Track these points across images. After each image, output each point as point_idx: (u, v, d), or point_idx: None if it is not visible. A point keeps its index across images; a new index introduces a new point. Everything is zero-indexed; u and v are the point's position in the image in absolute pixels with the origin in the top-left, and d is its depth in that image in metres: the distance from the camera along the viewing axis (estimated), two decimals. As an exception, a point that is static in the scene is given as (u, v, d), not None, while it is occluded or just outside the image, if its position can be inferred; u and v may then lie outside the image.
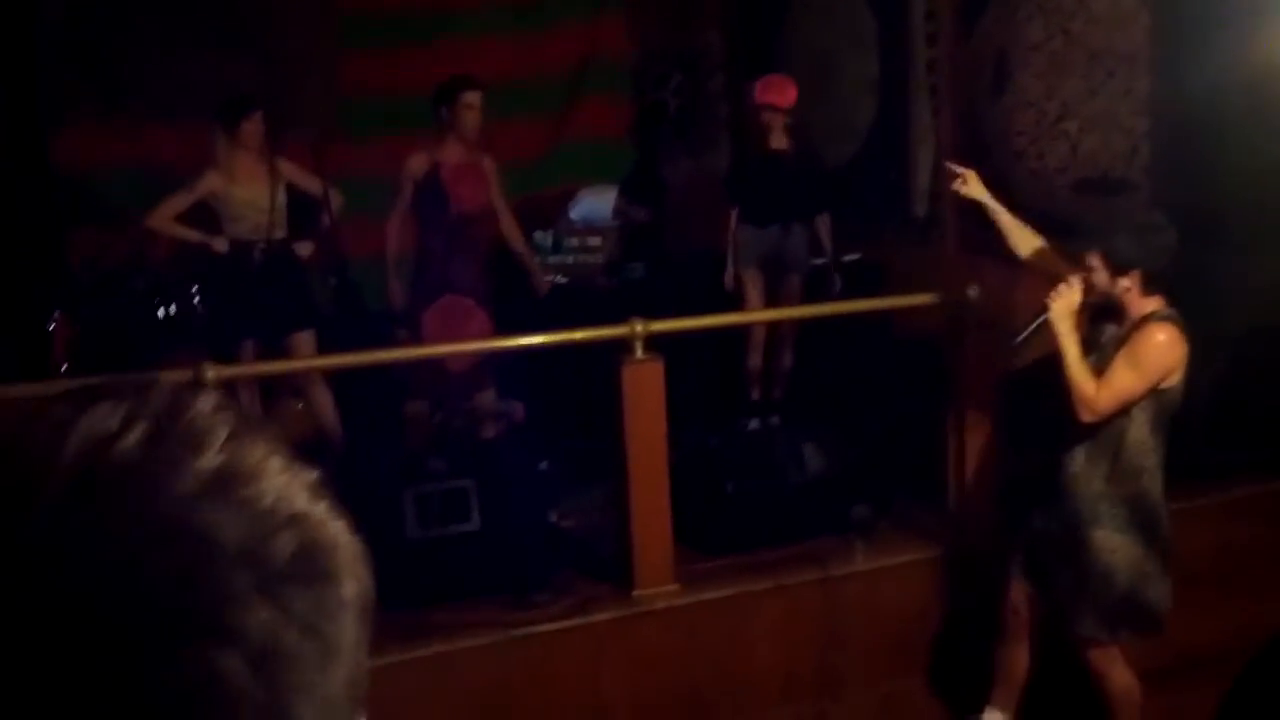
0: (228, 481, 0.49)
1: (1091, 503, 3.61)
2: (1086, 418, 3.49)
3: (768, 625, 4.31)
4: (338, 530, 0.52)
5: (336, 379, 5.63)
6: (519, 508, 4.37)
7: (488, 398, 5.79)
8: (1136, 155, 5.51)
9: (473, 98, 5.48)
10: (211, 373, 3.88)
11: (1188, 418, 4.67)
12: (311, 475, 0.53)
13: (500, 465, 4.68)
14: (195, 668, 0.45)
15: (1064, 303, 3.49)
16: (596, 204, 7.04)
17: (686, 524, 4.39)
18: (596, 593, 4.27)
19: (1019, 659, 3.89)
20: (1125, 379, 3.47)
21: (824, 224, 6.18)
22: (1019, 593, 3.80)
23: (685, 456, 4.56)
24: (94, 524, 0.46)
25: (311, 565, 0.49)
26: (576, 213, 7.02)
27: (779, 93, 6.00)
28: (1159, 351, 3.45)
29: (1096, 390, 3.46)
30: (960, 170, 3.77)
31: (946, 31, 6.38)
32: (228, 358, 5.20)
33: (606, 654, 4.13)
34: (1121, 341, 3.52)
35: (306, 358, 5.51)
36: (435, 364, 5.62)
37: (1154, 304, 3.52)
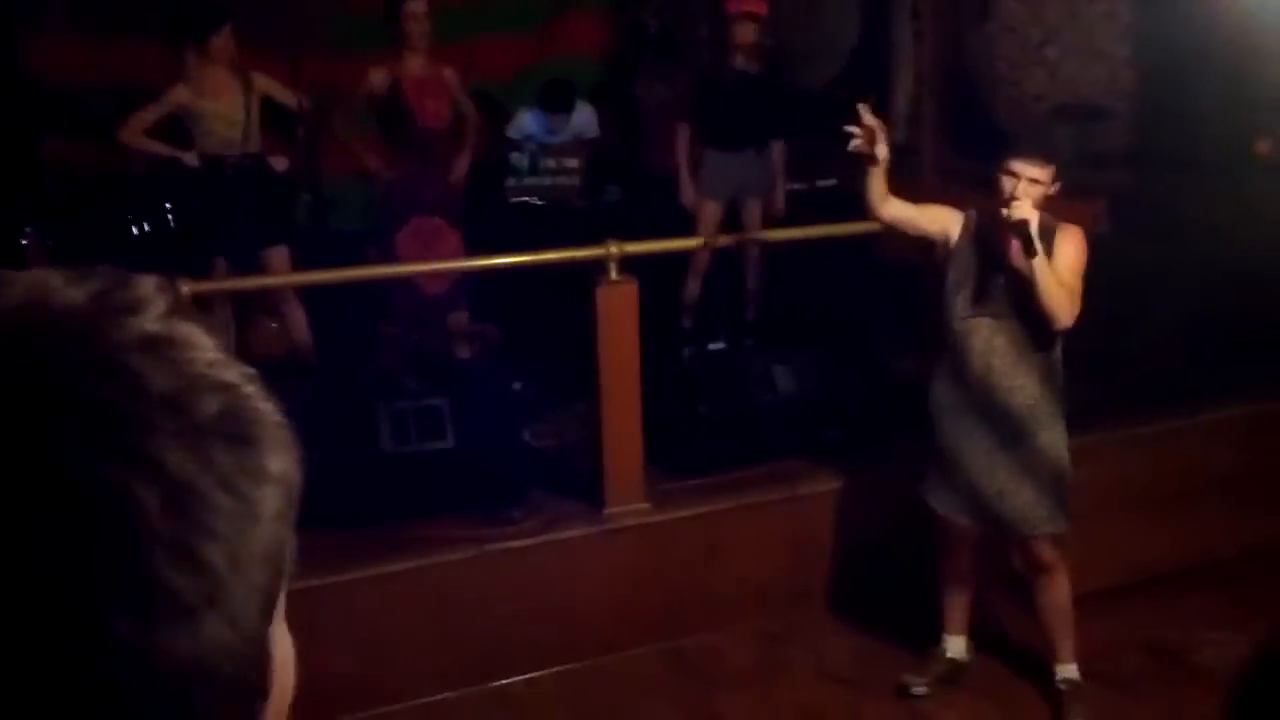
0: (162, 343, 0.50)
1: (1029, 408, 3.67)
2: (1063, 326, 3.55)
3: (736, 542, 4.38)
4: (268, 409, 0.53)
5: (310, 299, 5.61)
6: (493, 426, 4.39)
7: (461, 319, 5.79)
8: (1116, 82, 5.51)
9: (415, 6, 5.42)
10: (185, 288, 3.86)
11: (1159, 341, 4.76)
12: (248, 368, 0.54)
13: (474, 385, 4.69)
14: (107, 488, 0.46)
15: (1029, 208, 3.50)
16: (534, 121, 6.93)
17: (659, 445, 4.44)
18: (569, 510, 4.32)
19: (965, 585, 3.97)
20: (1077, 283, 3.57)
21: (778, 150, 6.15)
22: (950, 525, 3.84)
23: (657, 377, 4.58)
24: (25, 344, 0.48)
25: (235, 428, 0.50)
26: (515, 130, 6.92)
27: (753, 1, 5.96)
28: (1085, 251, 3.60)
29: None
30: (871, 122, 3.74)
31: (930, -46, 6.31)
32: (200, 274, 5.17)
33: (579, 569, 4.19)
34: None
35: (280, 274, 5.49)
36: (409, 285, 5.60)
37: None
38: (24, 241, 5.69)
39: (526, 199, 6.76)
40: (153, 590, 0.46)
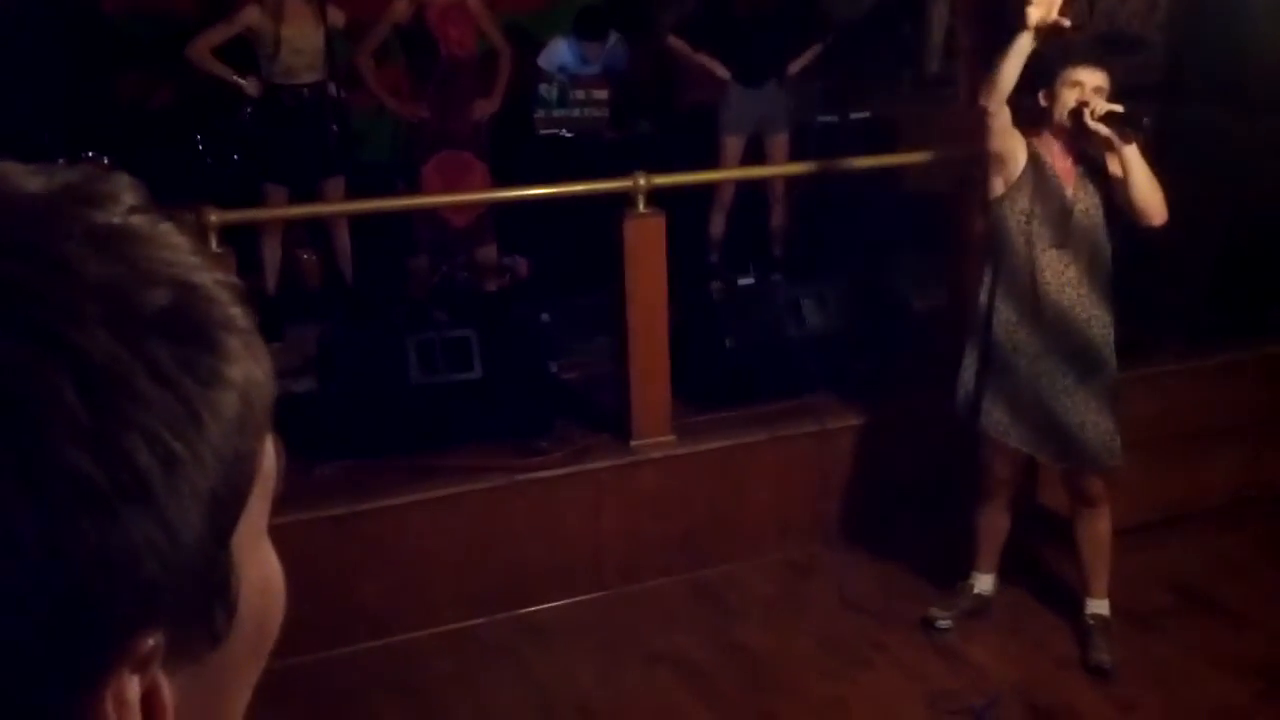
0: (115, 235, 0.48)
1: (1104, 339, 3.63)
2: (1161, 219, 3.47)
3: (761, 474, 4.39)
4: (235, 315, 0.50)
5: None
6: (520, 357, 4.40)
7: (490, 252, 5.79)
8: (1154, 12, 5.39)
9: None
10: (214, 216, 3.87)
11: (1191, 278, 4.70)
12: (227, 278, 0.51)
13: (501, 316, 4.71)
14: (12, 367, 0.43)
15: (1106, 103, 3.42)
16: (568, 50, 6.84)
17: (686, 377, 4.44)
18: (595, 441, 4.34)
19: (1001, 522, 3.95)
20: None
21: (810, 52, 6.04)
22: (1003, 458, 3.81)
23: (685, 311, 4.58)
24: None
25: (184, 326, 0.47)
26: (546, 60, 6.83)
27: None
28: None
29: None
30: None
31: (967, -120, 6.15)
32: (255, 201, 5.22)
33: (605, 500, 4.22)
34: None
35: (337, 203, 5.51)
36: (436, 218, 5.60)
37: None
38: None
39: (555, 131, 6.71)
40: (58, 475, 0.43)
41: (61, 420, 0.43)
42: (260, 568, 0.53)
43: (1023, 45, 3.42)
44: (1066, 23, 3.35)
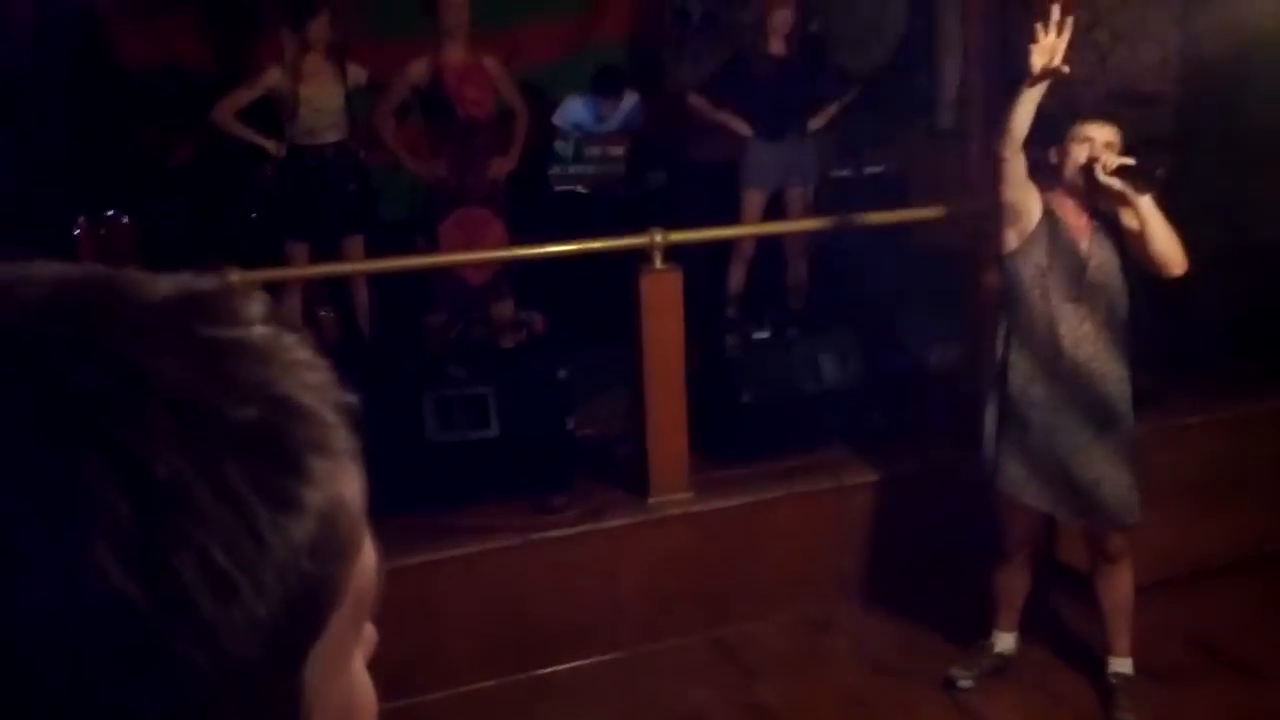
0: (219, 351, 0.47)
1: (1120, 394, 3.61)
2: (1180, 270, 3.46)
3: (779, 531, 4.37)
4: (331, 437, 0.48)
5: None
6: (537, 414, 4.41)
7: (506, 308, 5.82)
8: (1166, 67, 5.42)
9: None
10: (235, 275, 3.91)
11: (1205, 329, 4.69)
12: (345, 399, 0.50)
13: (519, 373, 4.72)
14: (66, 475, 0.43)
15: (1118, 157, 3.44)
16: (583, 107, 6.92)
17: (703, 432, 4.44)
18: (613, 499, 4.33)
19: (1021, 580, 3.92)
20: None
21: (832, 107, 6.09)
22: (1021, 515, 3.78)
23: (702, 366, 4.59)
24: (36, 331, 0.46)
25: (266, 445, 0.46)
26: (561, 118, 6.91)
27: None
28: None
29: None
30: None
31: (977, -62, 6.23)
32: (275, 260, 5.27)
33: (622, 558, 4.21)
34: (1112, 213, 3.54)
35: (357, 261, 5.56)
36: (453, 275, 5.64)
37: None
38: (76, 232, 5.78)
39: (571, 187, 6.77)
40: (96, 587, 0.42)
41: (109, 533, 0.42)
42: (343, 695, 0.51)
43: (1030, 93, 3.43)
44: (1066, 69, 3.37)
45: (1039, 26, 3.35)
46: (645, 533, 4.24)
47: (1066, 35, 3.35)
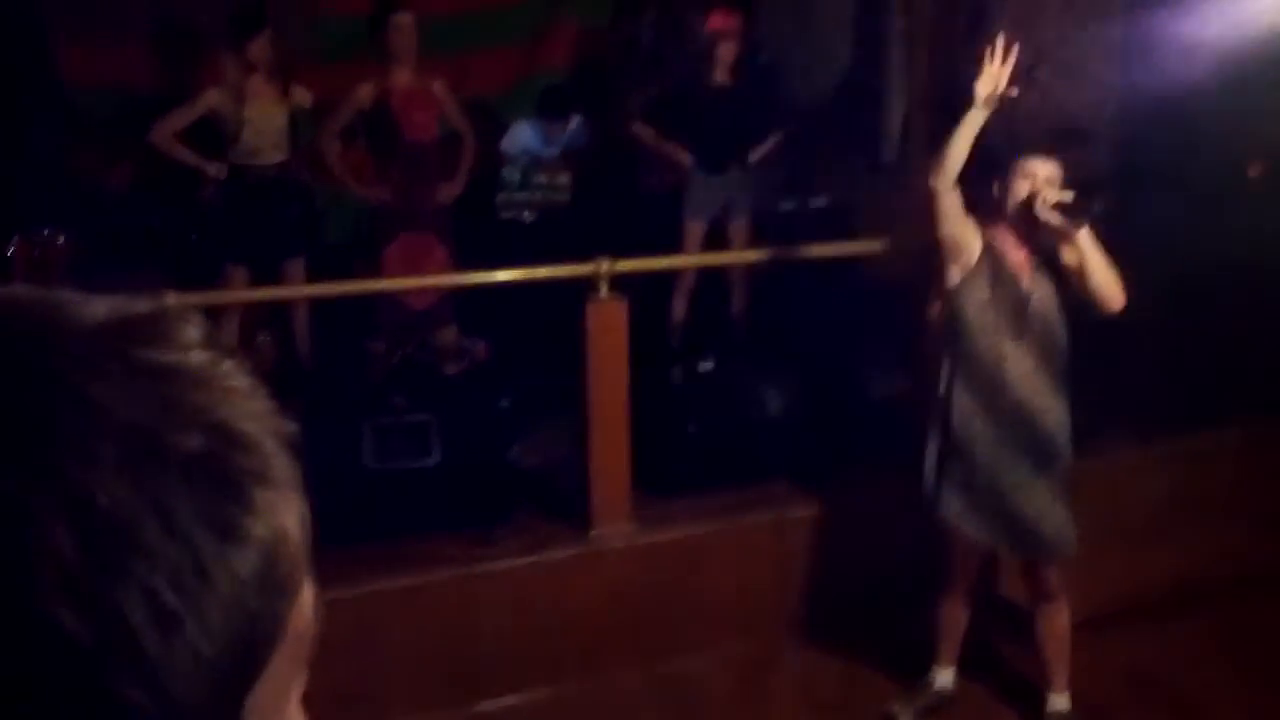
0: (158, 376, 0.46)
1: (1060, 430, 3.64)
2: (1119, 305, 3.49)
3: (722, 564, 4.35)
4: (274, 466, 0.48)
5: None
6: (479, 444, 4.36)
7: (450, 334, 5.76)
8: (1106, 105, 5.51)
9: (400, 19, 5.40)
10: (171, 298, 3.82)
11: (1143, 366, 4.75)
12: (285, 426, 0.50)
13: (461, 401, 4.67)
14: (2, 506, 0.41)
15: (1058, 192, 3.47)
16: (530, 132, 6.91)
17: (647, 464, 4.41)
18: (555, 530, 4.29)
19: (961, 614, 3.94)
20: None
21: (771, 140, 6.11)
22: (962, 549, 3.80)
23: (646, 396, 4.56)
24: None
25: (211, 475, 0.45)
26: (509, 144, 6.88)
27: (729, 18, 5.98)
28: None
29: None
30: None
31: (922, -26, 6.31)
32: (212, 283, 5.18)
33: (564, 590, 4.16)
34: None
35: (297, 284, 5.47)
36: (396, 301, 5.57)
37: None
38: (10, 251, 5.65)
39: (517, 213, 6.73)
40: (38, 625, 0.40)
41: (50, 566, 0.41)
42: None
43: (973, 120, 3.44)
44: (1014, 92, 3.40)
45: (985, 53, 3.39)
46: (587, 565, 4.20)
47: (1011, 63, 3.40)
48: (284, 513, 0.48)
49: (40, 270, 5.69)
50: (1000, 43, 3.41)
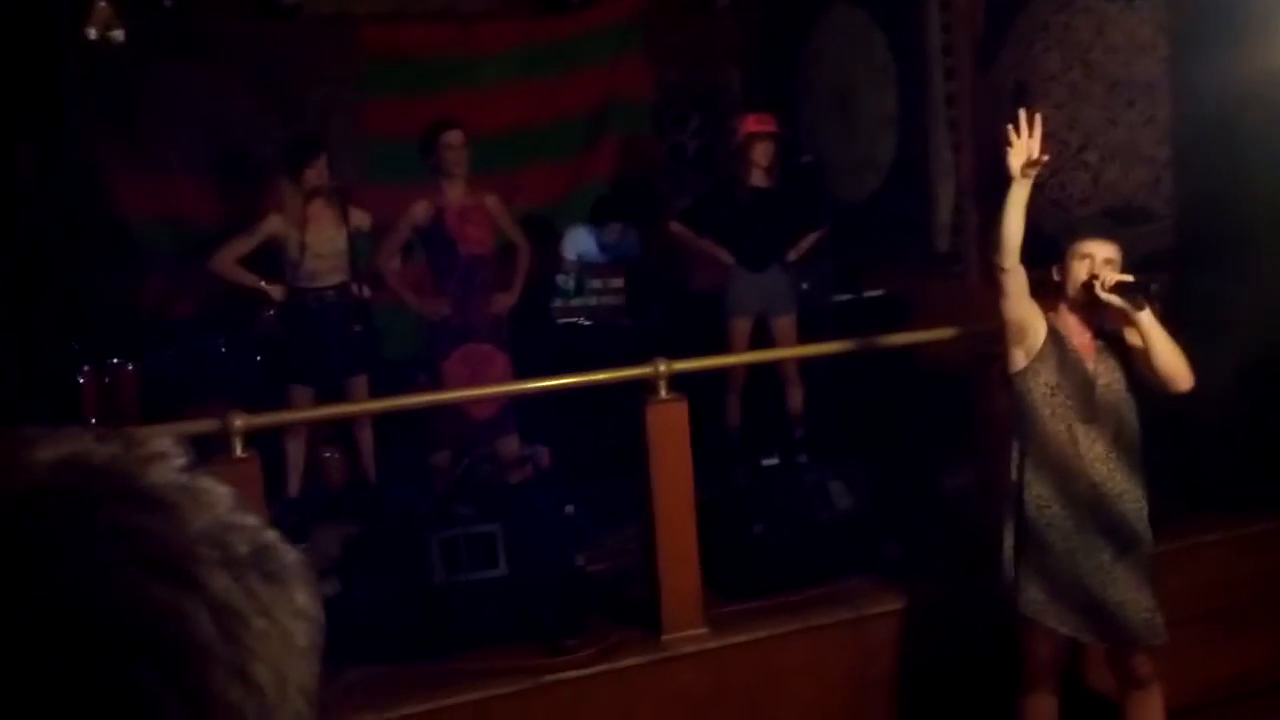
0: (191, 489, 0.52)
1: (1137, 513, 3.55)
2: (1186, 385, 3.43)
3: (798, 667, 4.26)
4: (289, 550, 0.54)
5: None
6: (546, 552, 4.34)
7: (511, 443, 5.78)
8: (1159, 185, 5.49)
9: (451, 137, 5.52)
10: (239, 421, 3.88)
11: (1213, 447, 4.64)
12: (260, 520, 0.55)
13: (526, 510, 4.67)
14: (161, 606, 0.47)
15: (1117, 274, 3.44)
16: (586, 236, 7.06)
17: (715, 566, 4.36)
18: (625, 637, 4.23)
19: (1048, 708, 3.79)
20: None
21: (808, 239, 6.17)
22: (1048, 643, 3.69)
23: (712, 498, 4.53)
24: (73, 489, 0.49)
25: (266, 565, 0.52)
26: (569, 247, 7.02)
27: (763, 121, 6.07)
28: None
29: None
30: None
31: (964, 65, 6.39)
32: (279, 404, 5.25)
33: (637, 699, 4.09)
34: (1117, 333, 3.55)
35: (360, 401, 5.54)
36: (458, 412, 5.62)
37: None
38: (80, 379, 5.79)
39: (573, 319, 6.80)
40: (215, 705, 0.47)
41: (208, 651, 0.47)
42: None
43: (1016, 195, 3.44)
44: (1045, 157, 3.41)
45: (1009, 129, 3.40)
46: (660, 672, 4.13)
47: (1039, 130, 3.40)
48: (309, 588, 0.54)
49: (109, 398, 5.81)
50: (1024, 115, 3.42)
